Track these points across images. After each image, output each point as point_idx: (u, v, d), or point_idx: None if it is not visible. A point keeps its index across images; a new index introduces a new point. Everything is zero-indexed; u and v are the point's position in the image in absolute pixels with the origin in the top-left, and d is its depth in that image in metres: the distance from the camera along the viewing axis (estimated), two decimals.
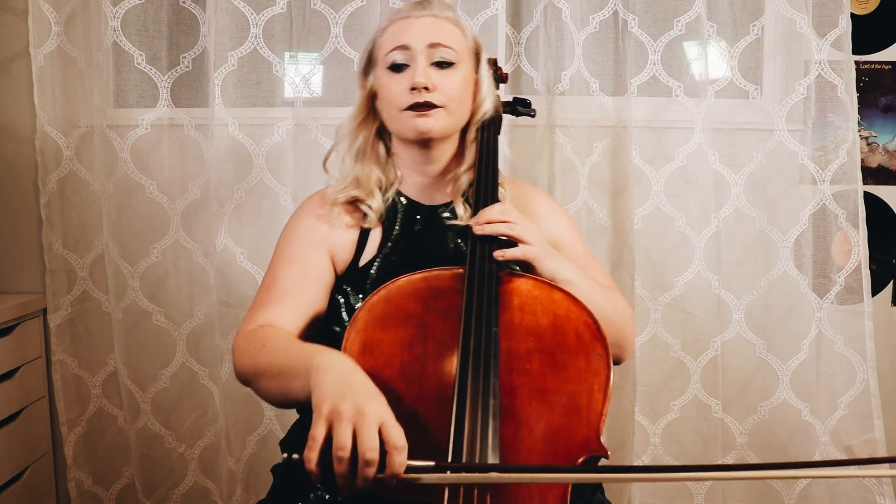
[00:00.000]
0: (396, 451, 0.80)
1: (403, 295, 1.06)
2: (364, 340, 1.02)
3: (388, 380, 0.98)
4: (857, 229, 1.85)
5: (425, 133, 1.18)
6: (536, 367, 1.00)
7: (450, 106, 1.18)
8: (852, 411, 1.89)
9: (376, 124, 1.26)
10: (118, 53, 1.83)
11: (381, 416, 0.82)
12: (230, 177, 1.82)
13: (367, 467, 0.79)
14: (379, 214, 1.23)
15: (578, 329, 1.04)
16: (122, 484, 1.95)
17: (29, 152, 1.85)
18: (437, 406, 0.95)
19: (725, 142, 1.88)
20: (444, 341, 1.01)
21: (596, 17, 1.85)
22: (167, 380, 1.89)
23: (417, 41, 1.18)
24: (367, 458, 0.79)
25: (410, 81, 1.16)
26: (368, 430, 0.80)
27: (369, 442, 0.79)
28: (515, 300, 1.07)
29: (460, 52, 1.20)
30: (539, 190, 1.47)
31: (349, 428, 0.80)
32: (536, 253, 1.12)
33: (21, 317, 1.81)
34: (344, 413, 0.81)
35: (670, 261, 1.90)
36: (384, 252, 1.21)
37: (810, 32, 1.81)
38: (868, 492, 1.87)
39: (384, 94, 1.20)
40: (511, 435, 0.95)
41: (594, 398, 0.99)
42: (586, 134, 1.87)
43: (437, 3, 1.22)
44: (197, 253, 1.87)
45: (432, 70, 1.17)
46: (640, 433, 1.91)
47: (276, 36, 1.80)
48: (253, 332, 1.10)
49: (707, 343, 1.89)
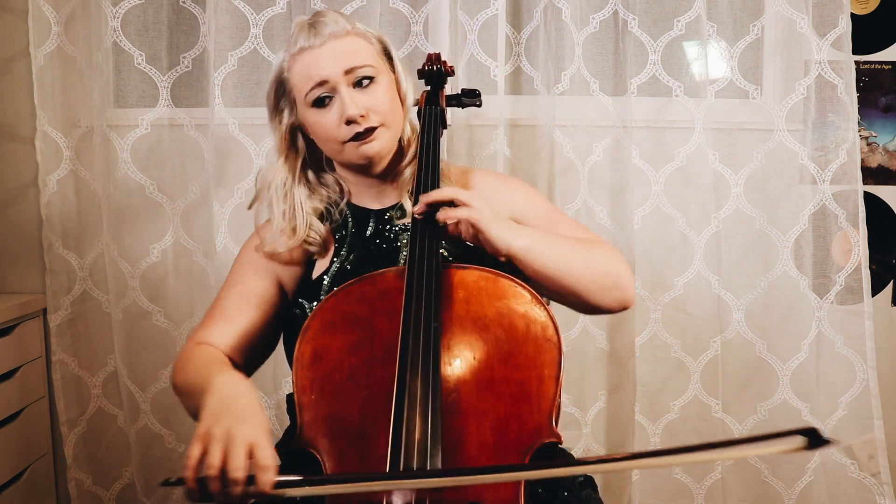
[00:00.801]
0: (261, 471, 0.85)
1: (350, 300, 1.06)
2: (314, 349, 1.03)
3: (338, 385, 0.99)
4: (857, 229, 1.85)
5: (375, 156, 1.17)
6: (483, 358, 1.00)
7: (387, 121, 1.17)
8: (852, 411, 1.89)
9: (300, 159, 1.24)
10: (118, 53, 1.83)
11: (250, 438, 0.86)
12: (230, 177, 1.82)
13: (235, 486, 0.84)
14: (322, 242, 1.22)
15: (527, 316, 1.03)
16: (122, 484, 1.95)
17: (29, 152, 1.85)
18: (385, 408, 0.94)
19: (725, 142, 1.88)
20: (390, 343, 1.00)
21: (596, 17, 1.85)
22: (167, 380, 1.89)
23: (333, 72, 1.14)
24: (233, 476, 0.84)
25: (342, 115, 1.13)
26: (235, 450, 0.85)
27: (234, 461, 0.84)
28: (460, 293, 1.06)
29: (375, 64, 1.18)
30: (487, 170, 1.43)
31: (219, 448, 0.85)
32: (480, 216, 1.05)
33: (21, 317, 1.81)
34: (215, 435, 0.86)
35: (670, 261, 1.90)
36: (337, 261, 1.21)
37: (810, 32, 1.81)
38: (868, 492, 1.87)
39: (318, 132, 1.18)
40: (458, 429, 0.94)
41: (545, 385, 0.98)
42: (586, 134, 1.87)
43: (330, 22, 1.16)
44: (197, 253, 1.87)
45: (356, 93, 1.15)
46: (640, 433, 1.91)
47: (276, 36, 1.80)
48: (187, 350, 1.15)
49: (707, 343, 1.89)
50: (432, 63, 1.32)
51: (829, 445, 0.79)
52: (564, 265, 1.09)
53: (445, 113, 1.28)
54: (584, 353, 1.90)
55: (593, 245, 1.17)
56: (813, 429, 0.78)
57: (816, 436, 0.78)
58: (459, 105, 1.36)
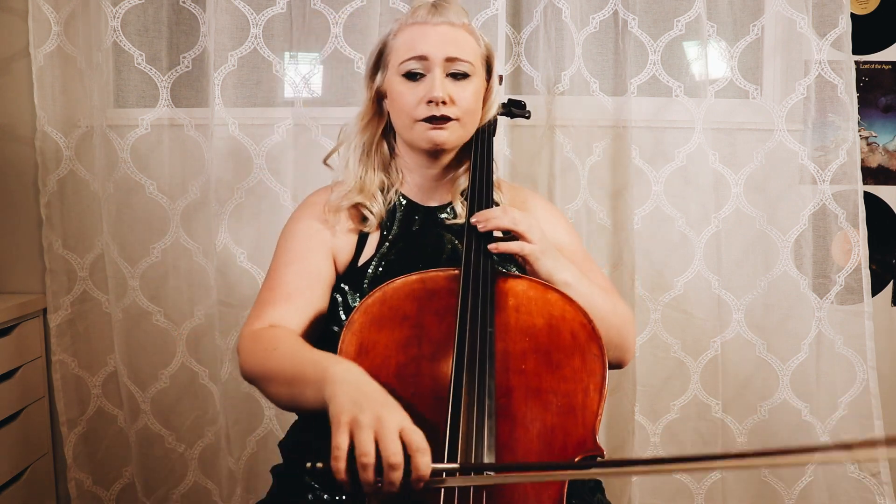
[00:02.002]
0: (419, 454, 0.82)
1: (399, 296, 1.07)
2: (360, 342, 1.02)
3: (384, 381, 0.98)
4: (857, 229, 1.85)
5: (440, 145, 1.18)
6: (532, 366, 1.01)
7: (463, 118, 1.19)
8: (852, 411, 1.88)
9: (382, 125, 1.26)
10: (118, 53, 1.83)
11: (400, 423, 0.84)
12: (230, 177, 1.82)
13: (393, 472, 0.80)
14: (380, 219, 1.23)
15: (574, 329, 1.05)
16: (122, 484, 1.95)
17: (29, 152, 1.86)
18: (433, 407, 0.95)
19: (725, 142, 1.88)
20: (440, 342, 1.01)
21: (596, 17, 1.85)
22: (167, 380, 1.89)
23: (436, 52, 1.16)
24: (392, 462, 0.80)
25: (428, 94, 1.16)
26: (390, 436, 0.82)
27: (392, 447, 0.81)
28: (511, 301, 1.07)
29: (475, 63, 1.20)
30: (536, 193, 1.46)
31: (371, 435, 0.82)
32: (533, 250, 1.12)
33: (21, 317, 1.81)
34: (364, 422, 0.83)
35: (670, 261, 1.90)
36: (382, 252, 1.21)
37: (810, 32, 1.81)
38: (868, 492, 1.87)
39: (398, 102, 1.20)
40: (507, 435, 0.95)
41: (590, 398, 0.99)
42: (586, 134, 1.87)
43: (454, 9, 1.20)
44: (197, 253, 1.87)
45: (448, 82, 1.17)
46: (640, 433, 1.91)
47: (276, 36, 1.80)
48: (261, 333, 1.09)
49: (707, 343, 1.89)
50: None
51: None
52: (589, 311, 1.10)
53: (497, 122, 1.30)
54: None
55: (615, 300, 1.21)
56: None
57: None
58: (509, 115, 1.37)
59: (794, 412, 1.90)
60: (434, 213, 1.26)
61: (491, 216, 1.12)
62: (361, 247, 1.22)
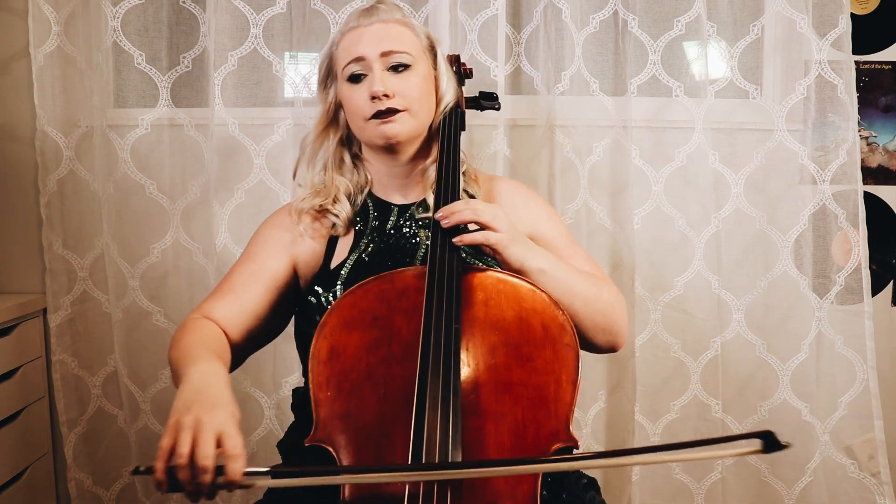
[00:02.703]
0: (230, 460, 0.85)
1: (369, 297, 1.07)
2: (331, 345, 1.03)
3: (356, 383, 0.99)
4: (857, 229, 1.85)
5: (392, 138, 1.20)
6: (502, 360, 1.01)
7: (412, 108, 1.20)
8: (852, 411, 1.88)
9: (339, 134, 1.29)
10: (118, 53, 1.83)
11: (219, 426, 0.87)
12: (230, 177, 1.82)
13: (204, 474, 0.84)
14: (346, 221, 1.24)
15: (544, 320, 1.05)
16: (122, 484, 1.95)
17: (29, 152, 1.85)
18: (404, 407, 0.95)
19: (725, 142, 1.88)
20: (409, 342, 1.01)
21: (596, 17, 1.85)
22: (167, 380, 1.89)
23: (371, 51, 1.20)
24: (201, 465, 0.84)
25: (369, 91, 1.18)
26: (205, 438, 0.85)
27: (203, 450, 0.84)
28: (479, 295, 1.07)
29: (414, 53, 1.22)
30: (513, 181, 1.45)
31: (188, 437, 0.85)
32: (500, 239, 1.10)
33: (21, 317, 1.81)
34: (185, 423, 0.86)
35: (670, 261, 1.90)
36: (355, 253, 1.22)
37: (810, 32, 1.81)
38: (868, 492, 1.87)
39: (348, 106, 1.24)
40: (476, 430, 0.95)
41: (562, 389, 1.00)
42: (586, 134, 1.87)
43: (385, 8, 1.24)
44: (197, 253, 1.87)
45: (389, 75, 1.20)
46: (640, 433, 1.91)
47: (276, 36, 1.80)
48: (188, 322, 1.16)
49: (707, 343, 1.89)
50: (451, 64, 1.33)
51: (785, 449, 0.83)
52: (569, 297, 1.12)
53: (464, 115, 1.29)
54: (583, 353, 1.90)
55: (601, 284, 1.20)
56: (769, 432, 0.82)
57: (773, 440, 0.82)
58: (478, 108, 1.37)
59: (794, 412, 1.90)
60: (408, 210, 1.27)
61: (454, 210, 1.11)
62: (332, 250, 1.24)
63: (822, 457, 1.89)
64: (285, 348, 1.36)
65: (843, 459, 1.89)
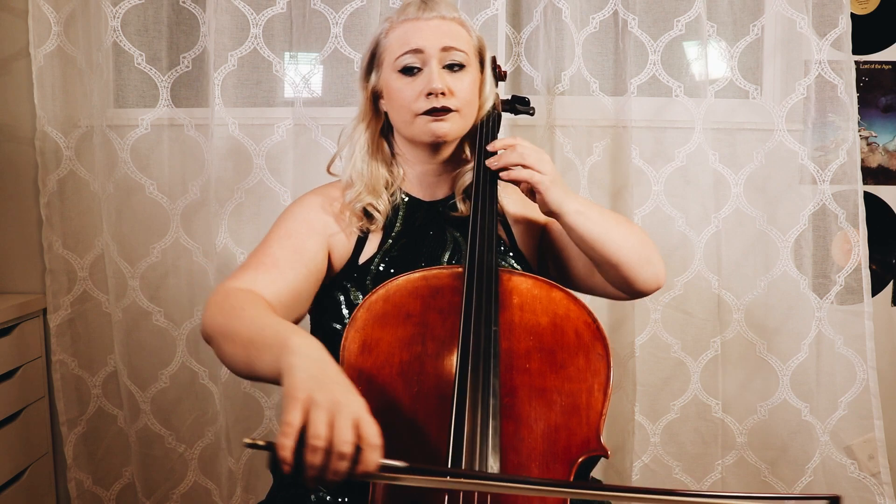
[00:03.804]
0: (370, 448, 0.78)
1: (403, 293, 1.06)
2: (363, 339, 1.02)
3: (388, 379, 0.98)
4: (857, 229, 1.85)
5: (441, 137, 1.18)
6: (536, 366, 1.01)
7: (463, 109, 1.19)
8: (852, 411, 1.89)
9: (380, 124, 1.26)
10: (118, 53, 1.83)
11: (356, 411, 0.79)
12: (230, 177, 1.82)
13: (341, 461, 0.77)
14: (385, 216, 1.23)
15: (578, 328, 1.04)
16: (122, 484, 1.95)
17: (29, 152, 1.85)
18: (437, 405, 0.95)
19: (725, 142, 1.88)
20: (444, 340, 1.01)
21: (596, 17, 1.85)
22: (167, 380, 1.89)
23: (430, 44, 1.17)
24: (341, 450, 0.76)
25: (426, 86, 1.16)
26: (344, 422, 0.77)
27: (345, 435, 0.77)
28: (515, 299, 1.07)
29: (469, 54, 1.21)
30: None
31: (326, 419, 0.77)
32: (541, 179, 1.12)
33: (21, 317, 1.81)
34: (321, 403, 0.78)
35: (670, 261, 1.90)
36: (385, 248, 1.21)
37: (810, 32, 1.81)
38: (868, 492, 1.87)
39: (396, 98, 1.19)
40: (511, 435, 0.95)
41: (594, 397, 0.99)
42: (586, 134, 1.87)
43: (444, 4, 1.22)
44: (197, 253, 1.87)
45: (445, 73, 1.18)
46: (640, 433, 1.91)
47: (276, 36, 1.80)
48: (234, 292, 1.05)
49: (707, 343, 1.89)
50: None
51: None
52: (607, 233, 1.15)
53: (500, 118, 1.29)
54: None
55: (630, 223, 1.24)
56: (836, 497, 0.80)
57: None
58: (513, 111, 1.37)
59: (794, 412, 1.90)
60: (436, 208, 1.26)
61: (501, 155, 1.15)
62: (361, 245, 1.22)
63: (822, 457, 1.89)
64: None
65: (843, 459, 1.89)
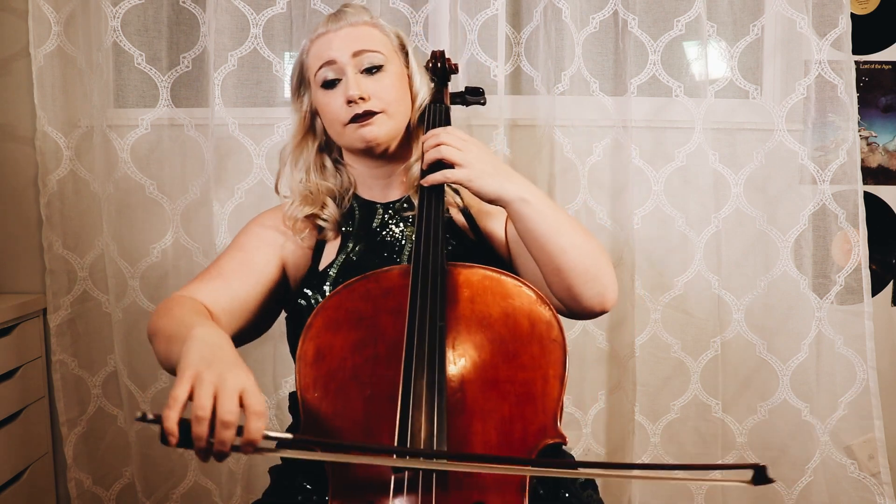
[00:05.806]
0: (255, 417, 0.81)
1: (354, 297, 1.06)
2: (317, 346, 1.02)
3: (341, 383, 0.99)
4: (857, 229, 1.85)
5: (372, 141, 1.19)
6: (488, 357, 1.00)
7: (389, 109, 1.20)
8: (852, 411, 1.89)
9: (317, 141, 1.28)
10: (118, 53, 1.83)
11: (242, 384, 0.83)
12: (230, 177, 1.82)
13: (225, 430, 0.80)
14: (334, 223, 1.24)
15: (532, 316, 1.04)
16: (122, 484, 1.95)
17: (29, 152, 1.85)
18: (390, 408, 0.95)
19: (725, 142, 1.88)
20: (395, 341, 1.00)
21: (596, 17, 1.85)
22: (167, 380, 1.89)
23: (342, 53, 1.19)
24: (225, 419, 0.79)
25: (344, 95, 1.18)
26: (228, 393, 0.81)
27: (228, 405, 0.80)
28: (465, 292, 1.06)
29: (386, 53, 1.22)
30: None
31: (210, 391, 0.81)
32: (460, 176, 1.08)
33: (21, 317, 1.80)
34: (205, 377, 0.82)
35: (670, 261, 1.90)
36: (343, 254, 1.22)
37: (810, 32, 1.81)
38: (868, 492, 1.87)
39: (325, 113, 1.22)
40: (464, 428, 0.95)
41: (549, 385, 0.99)
42: (586, 134, 1.87)
43: (352, 12, 1.24)
44: (197, 253, 1.87)
45: (363, 78, 1.19)
46: (640, 433, 1.91)
47: (276, 36, 1.80)
48: (176, 298, 1.11)
49: (707, 343, 1.89)
50: (436, 60, 1.33)
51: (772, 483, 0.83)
52: (555, 234, 1.08)
53: (450, 111, 1.29)
54: (583, 353, 1.90)
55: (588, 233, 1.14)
56: (762, 466, 0.83)
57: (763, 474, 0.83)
58: (464, 103, 1.37)
59: (794, 412, 1.90)
60: (392, 208, 1.27)
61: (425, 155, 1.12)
62: (320, 253, 1.24)
63: (822, 457, 1.89)
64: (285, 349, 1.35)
65: (843, 459, 1.89)
